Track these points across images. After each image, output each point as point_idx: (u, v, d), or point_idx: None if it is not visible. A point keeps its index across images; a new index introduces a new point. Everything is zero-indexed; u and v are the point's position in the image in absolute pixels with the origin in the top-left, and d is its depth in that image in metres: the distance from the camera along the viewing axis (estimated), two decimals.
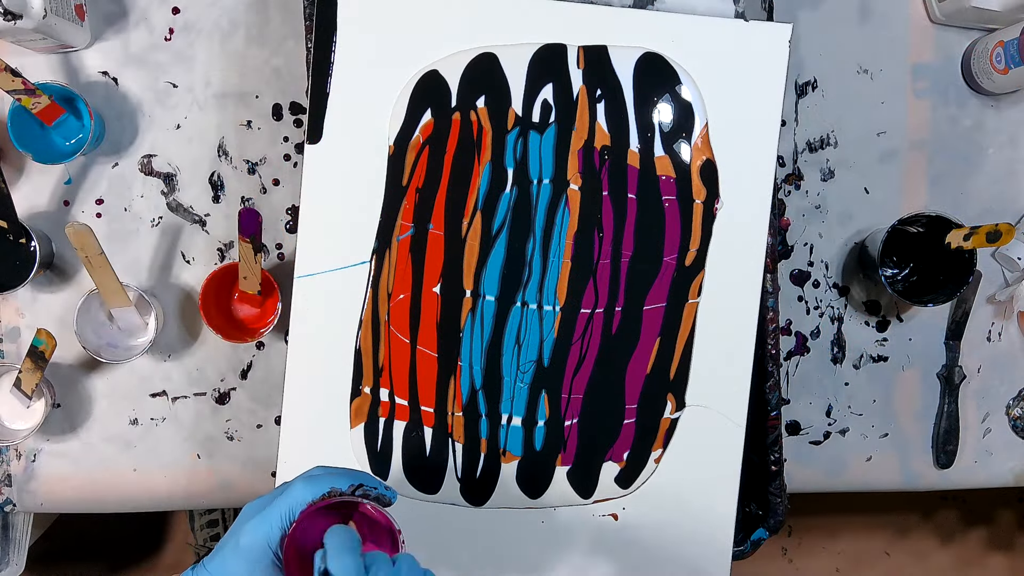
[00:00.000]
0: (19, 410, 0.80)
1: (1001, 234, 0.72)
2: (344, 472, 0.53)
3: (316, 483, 0.51)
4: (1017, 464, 0.90)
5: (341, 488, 0.51)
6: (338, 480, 0.52)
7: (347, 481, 0.52)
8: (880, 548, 1.58)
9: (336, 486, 0.51)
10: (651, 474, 0.73)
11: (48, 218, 0.82)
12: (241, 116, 0.82)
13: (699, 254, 0.71)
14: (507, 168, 0.71)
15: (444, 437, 0.72)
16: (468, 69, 0.70)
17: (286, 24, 0.82)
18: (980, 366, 0.88)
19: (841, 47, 0.85)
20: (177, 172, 0.83)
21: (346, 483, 0.52)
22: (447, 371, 0.72)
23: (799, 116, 0.85)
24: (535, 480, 0.73)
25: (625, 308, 0.72)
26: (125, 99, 0.82)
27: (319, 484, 0.51)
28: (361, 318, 0.71)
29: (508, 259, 0.71)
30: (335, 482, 0.51)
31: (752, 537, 0.76)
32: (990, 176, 0.87)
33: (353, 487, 0.52)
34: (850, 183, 0.86)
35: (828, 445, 0.87)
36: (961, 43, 0.86)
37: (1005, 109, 0.87)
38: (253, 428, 0.84)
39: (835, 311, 0.87)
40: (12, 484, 0.83)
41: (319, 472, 0.53)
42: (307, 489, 0.50)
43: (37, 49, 0.80)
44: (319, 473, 0.52)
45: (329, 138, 0.70)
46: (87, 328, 0.79)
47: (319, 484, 0.51)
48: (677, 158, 0.71)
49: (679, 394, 0.72)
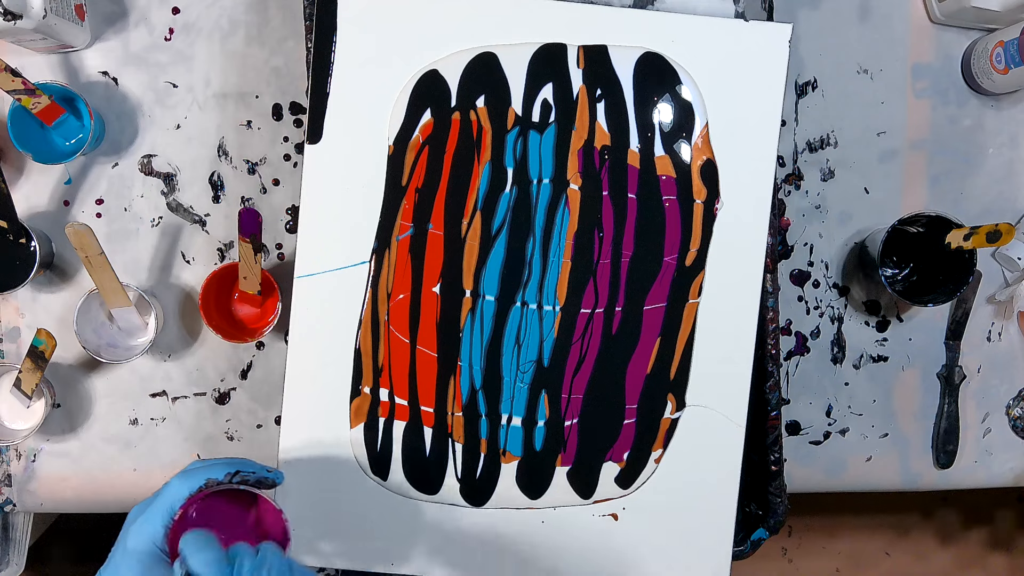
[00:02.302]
0: (19, 410, 0.80)
1: (1001, 234, 0.72)
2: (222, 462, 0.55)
3: (192, 477, 0.53)
4: (1017, 464, 0.90)
5: (217, 478, 0.54)
6: (214, 471, 0.54)
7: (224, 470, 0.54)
8: (880, 548, 1.58)
9: (212, 476, 0.53)
10: (651, 474, 0.73)
11: (48, 218, 0.82)
12: (241, 116, 0.82)
13: (699, 254, 0.71)
14: (507, 168, 0.71)
15: (444, 437, 0.72)
16: (468, 69, 0.70)
17: (286, 24, 0.82)
18: (980, 366, 0.88)
19: (841, 47, 0.85)
20: (177, 172, 0.83)
21: (222, 472, 0.54)
22: (447, 371, 0.72)
23: (799, 116, 0.85)
24: (535, 480, 0.73)
25: (625, 308, 0.72)
26: (125, 99, 0.82)
27: (195, 477, 0.53)
28: (361, 318, 0.71)
29: (508, 259, 0.71)
30: (211, 473, 0.54)
31: (752, 537, 0.76)
32: (990, 176, 0.87)
33: (230, 475, 0.54)
34: (850, 183, 0.86)
35: (828, 445, 0.87)
36: (961, 43, 0.86)
37: (1005, 109, 0.87)
38: (253, 428, 0.84)
39: (835, 311, 0.87)
40: (12, 484, 0.83)
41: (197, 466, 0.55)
42: (183, 484, 0.52)
43: (37, 49, 0.80)
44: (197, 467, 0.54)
45: (329, 138, 0.70)
46: (87, 328, 0.79)
47: (195, 477, 0.53)
48: (677, 158, 0.71)
49: (679, 394, 0.72)
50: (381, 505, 0.72)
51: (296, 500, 0.72)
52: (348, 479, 0.72)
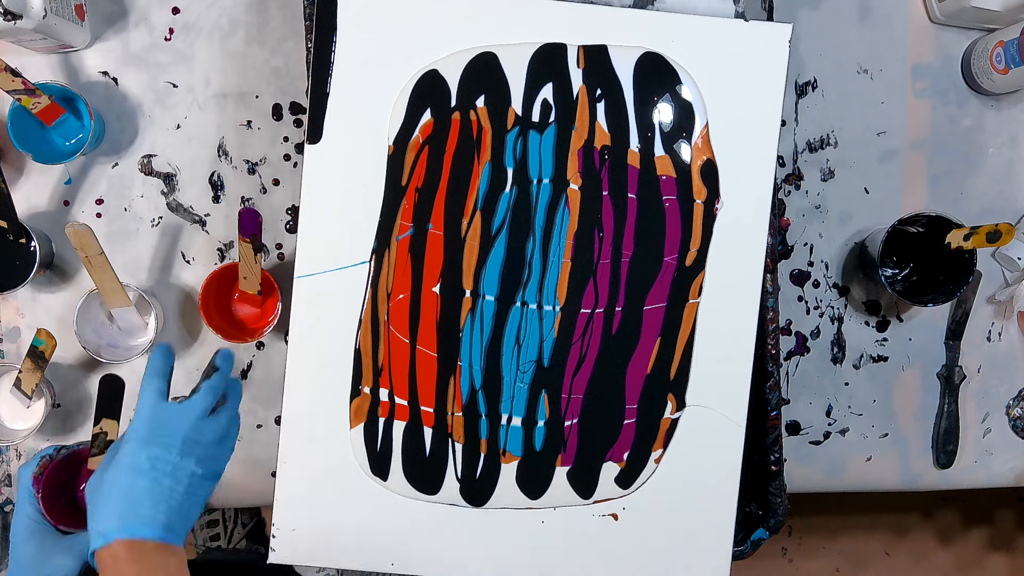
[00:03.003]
0: (19, 410, 0.80)
1: (1001, 234, 0.72)
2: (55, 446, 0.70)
3: (31, 462, 0.66)
4: (1017, 464, 0.90)
5: (48, 453, 0.67)
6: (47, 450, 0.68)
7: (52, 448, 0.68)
8: (880, 548, 1.58)
9: (46, 454, 0.67)
10: (651, 474, 0.73)
11: (48, 218, 0.82)
12: (241, 116, 0.82)
13: (700, 254, 0.71)
14: (507, 168, 0.71)
15: (444, 437, 0.72)
16: (468, 69, 0.70)
17: (286, 24, 0.82)
18: (980, 366, 0.88)
19: (841, 47, 0.85)
20: (177, 172, 0.83)
21: (52, 449, 0.68)
22: (447, 371, 0.72)
23: (799, 116, 0.85)
24: (535, 480, 0.73)
25: (625, 308, 0.72)
26: (125, 99, 0.82)
27: (33, 461, 0.66)
28: (361, 318, 0.71)
29: (508, 259, 0.71)
30: (44, 452, 0.67)
31: (752, 537, 0.76)
32: (990, 176, 0.87)
33: (56, 449, 0.68)
34: (850, 183, 0.86)
35: (828, 445, 0.87)
36: (961, 43, 0.86)
37: (1005, 109, 0.87)
38: (253, 428, 0.84)
39: (835, 311, 0.87)
40: (12, 484, 0.83)
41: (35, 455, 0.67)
42: (27, 469, 0.65)
43: (37, 49, 0.80)
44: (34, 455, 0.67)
45: (329, 138, 0.70)
46: (87, 328, 0.79)
47: (33, 461, 0.66)
48: (677, 158, 0.71)
49: (679, 394, 0.72)
50: (381, 505, 0.72)
51: (296, 500, 0.72)
52: (348, 479, 0.72)
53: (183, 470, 0.57)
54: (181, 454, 0.57)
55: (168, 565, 0.55)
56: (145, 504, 0.55)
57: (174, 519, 0.56)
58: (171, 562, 0.55)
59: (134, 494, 0.55)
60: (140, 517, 0.55)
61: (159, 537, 0.54)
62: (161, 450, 0.57)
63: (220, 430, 0.60)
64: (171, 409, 0.59)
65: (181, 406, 0.60)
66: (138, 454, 0.57)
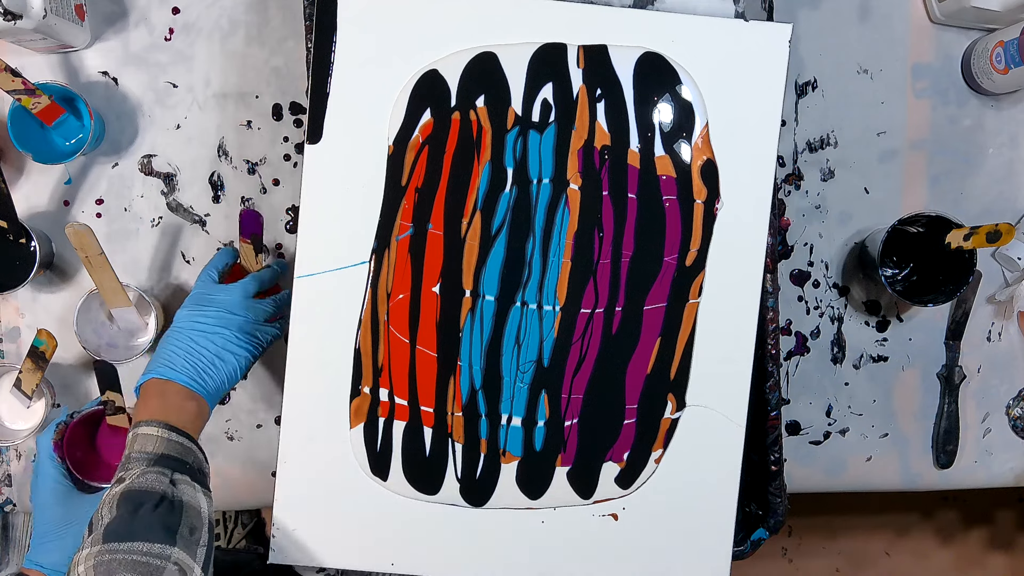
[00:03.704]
0: (19, 410, 0.80)
1: (1001, 234, 0.72)
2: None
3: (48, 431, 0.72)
4: (1017, 464, 0.90)
5: (63, 420, 0.73)
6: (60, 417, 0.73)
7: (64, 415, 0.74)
8: (880, 548, 1.58)
9: (61, 421, 0.72)
10: (651, 474, 0.73)
11: (48, 218, 0.82)
12: (241, 116, 0.82)
13: (700, 254, 0.71)
14: (507, 168, 0.71)
15: (444, 437, 0.72)
16: (468, 68, 0.70)
17: (286, 24, 0.82)
18: (980, 366, 0.88)
19: (841, 47, 0.85)
20: (177, 172, 0.83)
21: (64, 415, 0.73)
22: (447, 371, 0.72)
23: (799, 116, 0.85)
24: (535, 480, 0.73)
25: (625, 308, 0.72)
26: (125, 99, 0.82)
27: (49, 429, 0.72)
28: (360, 318, 0.71)
29: (508, 259, 0.71)
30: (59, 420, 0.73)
31: (752, 537, 0.76)
32: (990, 176, 0.87)
33: (70, 413, 0.73)
34: (850, 183, 0.86)
35: (828, 445, 0.87)
36: (961, 43, 0.86)
37: (1005, 109, 0.87)
38: (253, 428, 0.84)
39: (835, 311, 0.87)
40: (12, 484, 0.84)
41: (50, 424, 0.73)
42: (45, 438, 0.71)
43: (37, 49, 0.80)
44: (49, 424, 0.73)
45: (329, 138, 0.70)
46: (87, 328, 0.79)
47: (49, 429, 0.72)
48: (677, 158, 0.71)
49: (679, 394, 0.72)
50: (381, 505, 0.72)
51: (296, 500, 0.72)
52: (348, 479, 0.72)
53: (217, 333, 0.68)
54: (218, 320, 0.68)
55: (186, 407, 0.64)
56: (177, 354, 0.66)
57: (201, 371, 0.66)
58: (189, 406, 0.65)
59: (169, 345, 0.67)
60: (170, 362, 0.66)
61: (182, 382, 0.65)
62: (199, 314, 0.68)
63: (264, 311, 0.71)
64: (217, 287, 0.71)
65: (227, 286, 0.71)
66: (181, 317, 0.69)
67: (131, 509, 0.55)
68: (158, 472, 0.58)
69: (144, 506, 0.55)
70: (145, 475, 0.58)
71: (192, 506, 0.58)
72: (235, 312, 0.69)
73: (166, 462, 0.60)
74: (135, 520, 0.55)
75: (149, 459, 0.60)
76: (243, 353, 0.69)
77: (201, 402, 0.66)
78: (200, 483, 0.61)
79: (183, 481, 0.60)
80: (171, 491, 0.58)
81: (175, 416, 0.63)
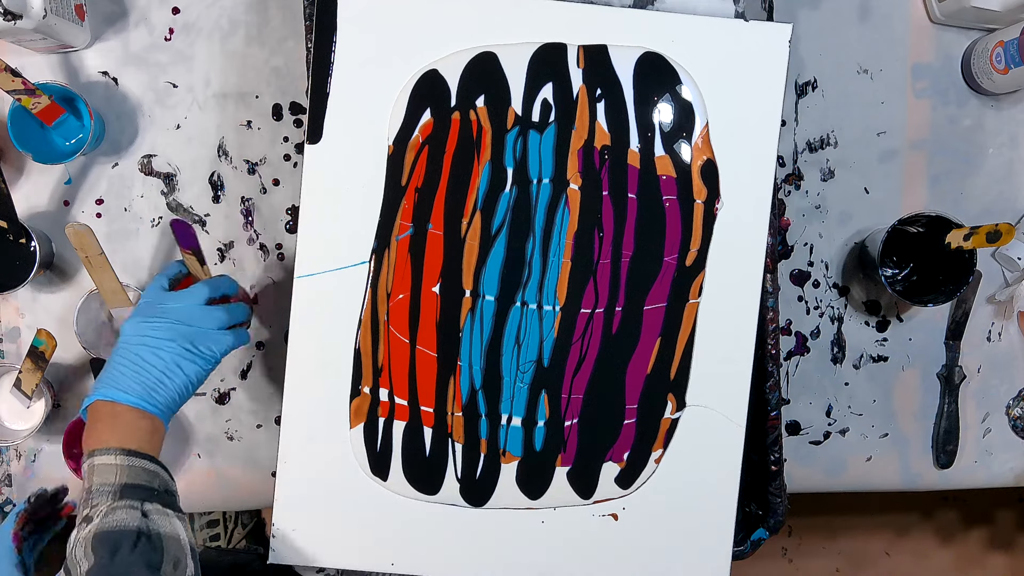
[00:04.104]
0: (19, 410, 0.80)
1: (1001, 234, 0.72)
2: None
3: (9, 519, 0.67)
4: (1017, 464, 0.90)
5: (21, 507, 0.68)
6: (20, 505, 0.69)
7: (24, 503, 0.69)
8: (880, 548, 1.58)
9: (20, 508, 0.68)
10: (651, 474, 0.73)
11: (48, 218, 0.82)
12: (241, 116, 0.82)
13: (700, 254, 0.71)
14: (507, 167, 0.71)
15: (444, 437, 0.72)
16: (468, 68, 0.70)
17: (286, 24, 0.82)
18: (980, 366, 0.88)
19: (841, 47, 0.85)
20: (177, 172, 0.83)
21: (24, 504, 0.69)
22: (447, 371, 0.72)
23: (799, 116, 0.85)
24: (535, 480, 0.73)
25: (625, 308, 0.72)
26: (125, 99, 0.82)
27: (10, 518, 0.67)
28: (360, 318, 0.71)
29: (508, 259, 0.71)
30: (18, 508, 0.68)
31: (752, 537, 0.76)
32: (990, 176, 0.87)
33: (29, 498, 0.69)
34: (850, 183, 0.86)
35: (828, 445, 0.87)
36: (961, 43, 0.86)
37: (1005, 109, 0.87)
38: (253, 428, 0.84)
39: (835, 311, 0.87)
40: (12, 484, 0.83)
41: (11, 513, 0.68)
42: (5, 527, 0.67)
43: (37, 49, 0.80)
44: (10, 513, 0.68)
45: (329, 138, 0.70)
46: (87, 328, 0.79)
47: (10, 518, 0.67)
48: (677, 158, 0.71)
49: (679, 394, 0.72)
50: (381, 505, 0.72)
51: (296, 500, 0.72)
52: (348, 479, 0.72)
53: (165, 347, 0.63)
54: (166, 332, 0.63)
55: (140, 426, 0.61)
56: (124, 372, 0.62)
57: (150, 388, 0.62)
58: (143, 424, 0.61)
59: (115, 363, 0.63)
60: (116, 382, 0.62)
61: (130, 402, 0.61)
62: (146, 326, 0.63)
63: (219, 319, 0.66)
64: (166, 295, 0.66)
65: (177, 293, 0.66)
66: (127, 329, 0.64)
67: (109, 552, 0.53)
68: (127, 506, 0.56)
69: (122, 547, 0.53)
70: (114, 511, 0.55)
71: (171, 536, 0.56)
72: (186, 322, 0.64)
73: (132, 492, 0.57)
74: (115, 565, 0.52)
75: (113, 492, 0.56)
76: (194, 367, 0.64)
77: (155, 420, 0.62)
78: (171, 506, 0.59)
79: (155, 511, 0.57)
80: (145, 525, 0.55)
81: (130, 438, 0.59)
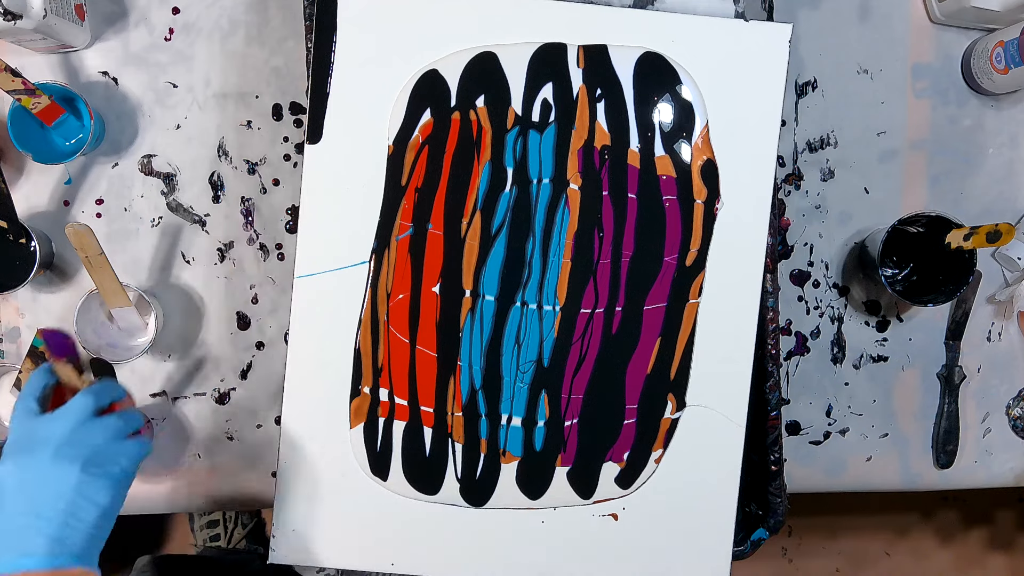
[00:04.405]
0: None
1: (1001, 234, 0.72)
2: None
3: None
4: (1017, 464, 0.90)
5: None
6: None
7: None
8: (880, 548, 1.58)
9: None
10: (651, 474, 0.73)
11: (48, 218, 0.82)
12: (241, 116, 0.82)
13: (700, 254, 0.71)
14: (507, 167, 0.71)
15: (444, 437, 0.72)
16: (468, 68, 0.70)
17: (286, 24, 0.82)
18: (980, 366, 0.88)
19: (841, 47, 0.85)
20: (177, 172, 0.83)
21: None
22: (447, 371, 0.72)
23: (799, 116, 0.85)
24: (535, 480, 0.73)
25: (625, 308, 0.72)
26: (125, 99, 0.82)
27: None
28: (360, 318, 0.71)
29: (508, 259, 0.71)
30: None
31: (752, 537, 0.76)
32: (990, 176, 0.87)
33: None
34: (850, 183, 0.86)
35: (828, 445, 0.87)
36: (961, 43, 0.86)
37: (1005, 109, 0.87)
38: (253, 428, 0.84)
39: (835, 311, 0.87)
40: None
41: None
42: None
43: (37, 49, 0.80)
44: None
45: (329, 138, 0.70)
46: (87, 328, 0.79)
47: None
48: (678, 158, 0.71)
49: (679, 394, 0.72)
50: (381, 505, 0.72)
51: (296, 500, 0.72)
52: (348, 479, 0.72)
53: (61, 480, 0.53)
54: (53, 465, 0.53)
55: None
56: (20, 531, 0.51)
57: (57, 540, 0.51)
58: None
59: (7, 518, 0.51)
60: (15, 544, 0.51)
61: (41, 565, 0.50)
62: (27, 466, 0.53)
63: (116, 426, 0.57)
64: (40, 420, 0.56)
65: (52, 414, 0.57)
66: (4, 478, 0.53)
67: None
68: None
69: None
70: None
71: None
72: (76, 443, 0.54)
73: None
74: None
75: None
76: (105, 492, 0.55)
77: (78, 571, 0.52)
78: None
79: None
80: None
81: None
